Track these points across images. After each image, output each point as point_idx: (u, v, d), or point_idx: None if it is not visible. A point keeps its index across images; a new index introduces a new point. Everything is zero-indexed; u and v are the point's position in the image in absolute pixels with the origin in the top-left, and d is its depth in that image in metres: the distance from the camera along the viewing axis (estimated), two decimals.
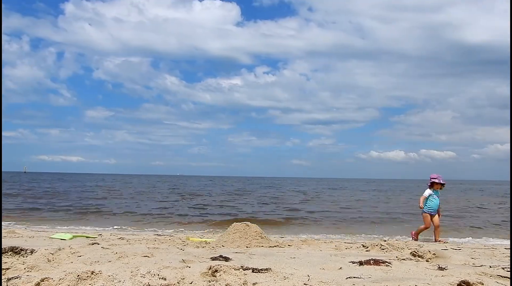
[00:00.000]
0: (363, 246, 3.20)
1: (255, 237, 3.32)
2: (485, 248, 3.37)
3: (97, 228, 6.38)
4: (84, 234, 4.62)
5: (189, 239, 4.00)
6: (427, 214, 5.52)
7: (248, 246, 3.17)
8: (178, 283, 1.75)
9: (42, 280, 1.70)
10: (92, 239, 3.92)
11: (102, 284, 1.68)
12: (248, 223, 3.57)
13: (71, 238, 3.97)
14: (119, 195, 15.82)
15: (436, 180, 5.79)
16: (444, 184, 5.82)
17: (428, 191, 5.79)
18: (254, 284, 1.77)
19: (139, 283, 1.69)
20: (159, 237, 4.32)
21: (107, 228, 6.59)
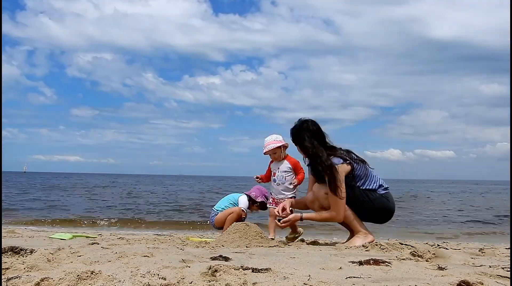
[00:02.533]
0: (363, 246, 3.20)
1: (255, 237, 3.32)
2: (485, 248, 3.37)
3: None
4: (84, 234, 4.63)
5: (189, 239, 4.01)
6: None
7: (248, 246, 3.17)
8: (178, 283, 1.75)
9: (42, 280, 1.69)
10: (92, 239, 3.92)
11: (102, 284, 1.68)
12: (248, 222, 3.57)
13: (70, 238, 3.97)
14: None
15: None
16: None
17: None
18: (254, 284, 1.77)
19: (139, 283, 1.69)
20: (159, 237, 4.32)
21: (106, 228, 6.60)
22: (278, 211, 3.59)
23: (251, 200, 4.28)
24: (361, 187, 3.53)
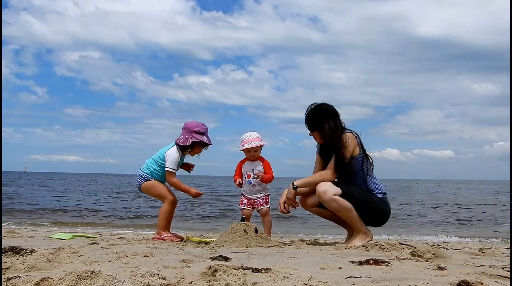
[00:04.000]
0: (363, 246, 3.21)
1: (255, 237, 3.32)
2: (485, 248, 3.37)
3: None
4: (84, 234, 4.63)
5: (189, 239, 4.01)
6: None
7: (248, 246, 3.17)
8: (178, 282, 1.75)
9: (42, 280, 1.70)
10: (92, 239, 3.92)
11: (102, 284, 1.68)
12: (248, 222, 3.57)
13: (70, 238, 3.97)
14: None
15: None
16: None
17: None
18: (254, 283, 1.77)
19: (139, 282, 1.69)
20: None
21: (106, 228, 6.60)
22: (284, 208, 3.59)
23: (182, 148, 3.72)
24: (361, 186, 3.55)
